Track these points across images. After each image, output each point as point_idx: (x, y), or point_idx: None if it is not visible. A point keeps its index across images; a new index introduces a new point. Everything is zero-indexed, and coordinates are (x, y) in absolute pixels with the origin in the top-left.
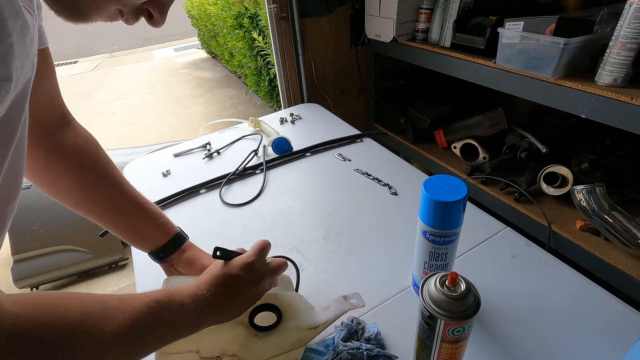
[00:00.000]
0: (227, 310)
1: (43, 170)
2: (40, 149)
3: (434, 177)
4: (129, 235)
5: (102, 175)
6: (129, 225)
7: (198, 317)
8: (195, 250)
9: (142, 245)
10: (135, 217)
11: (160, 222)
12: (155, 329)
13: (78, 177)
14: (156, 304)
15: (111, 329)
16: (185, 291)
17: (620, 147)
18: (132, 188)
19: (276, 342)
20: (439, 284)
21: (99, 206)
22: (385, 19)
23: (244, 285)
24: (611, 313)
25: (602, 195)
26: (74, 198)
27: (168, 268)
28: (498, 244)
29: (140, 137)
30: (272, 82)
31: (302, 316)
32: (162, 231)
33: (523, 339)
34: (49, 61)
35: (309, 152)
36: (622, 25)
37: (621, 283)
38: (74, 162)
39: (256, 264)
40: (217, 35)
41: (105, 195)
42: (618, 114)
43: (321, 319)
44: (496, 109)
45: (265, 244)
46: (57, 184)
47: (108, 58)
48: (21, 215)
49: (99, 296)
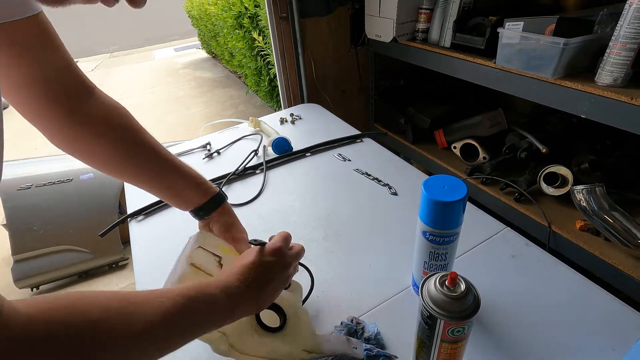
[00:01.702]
0: (259, 297)
1: (74, 141)
2: (67, 119)
3: (433, 177)
4: (170, 196)
5: (136, 142)
6: (168, 187)
7: (229, 308)
8: (232, 217)
9: (182, 204)
10: (173, 179)
11: (199, 182)
12: (183, 323)
13: (113, 147)
14: (183, 298)
15: (137, 325)
16: (215, 283)
17: (620, 147)
18: (167, 152)
19: (270, 346)
20: (438, 284)
21: (137, 173)
22: (385, 19)
23: (275, 270)
24: (611, 313)
25: (602, 196)
26: (111, 167)
27: (205, 225)
28: (498, 244)
29: None
30: (272, 82)
31: (302, 334)
32: (202, 191)
33: (523, 339)
34: (49, 29)
35: (309, 152)
36: (622, 25)
37: (621, 283)
38: (105, 132)
39: (284, 249)
40: (217, 35)
41: (142, 161)
42: (618, 114)
43: (320, 348)
44: (496, 109)
45: (288, 234)
46: (93, 155)
47: (108, 58)
48: (21, 216)
49: (122, 293)
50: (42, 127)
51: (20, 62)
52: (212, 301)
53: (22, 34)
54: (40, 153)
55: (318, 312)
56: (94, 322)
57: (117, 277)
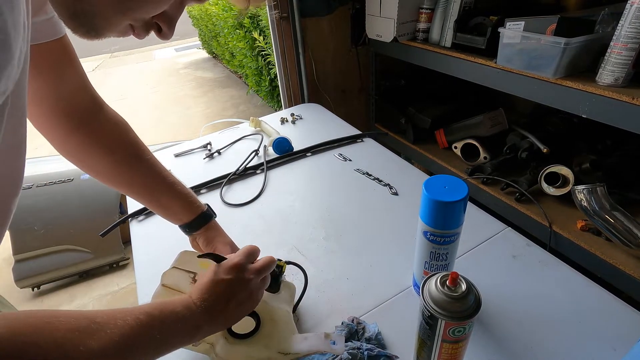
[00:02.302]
0: (220, 316)
1: (78, 152)
2: (77, 135)
3: (434, 177)
4: (161, 211)
5: (134, 157)
6: (160, 203)
7: (193, 325)
8: (215, 232)
9: (172, 220)
10: (166, 196)
11: (189, 200)
12: (146, 341)
13: (114, 160)
14: (146, 316)
15: (98, 344)
16: (178, 301)
17: (621, 147)
18: (163, 168)
19: (245, 352)
20: (439, 284)
21: (131, 185)
22: (386, 19)
23: (234, 286)
24: (612, 313)
25: (603, 195)
26: (112, 179)
27: (193, 240)
28: (499, 244)
29: (141, 137)
30: (272, 82)
31: (278, 337)
32: (189, 209)
33: (523, 339)
34: (70, 49)
35: (310, 152)
36: (623, 25)
37: (622, 283)
38: (108, 147)
39: (244, 266)
40: (218, 35)
41: (138, 175)
42: (619, 113)
43: (294, 348)
44: (497, 108)
45: (253, 248)
46: (97, 168)
47: (109, 58)
48: (22, 216)
49: (88, 312)
50: (49, 138)
51: (37, 81)
52: (175, 319)
53: (45, 55)
54: (40, 153)
55: (319, 313)
56: (59, 343)
57: (117, 277)
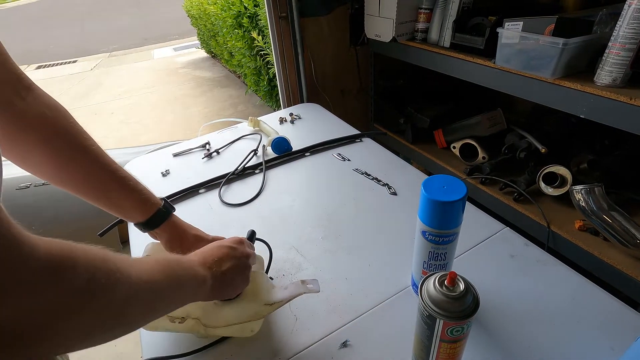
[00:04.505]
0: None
1: (8, 141)
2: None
3: (433, 177)
4: (111, 209)
5: (75, 147)
6: (109, 200)
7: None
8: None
9: (126, 218)
10: (115, 192)
11: (143, 197)
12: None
13: (50, 150)
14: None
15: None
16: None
17: (619, 147)
18: (111, 160)
19: (234, 312)
20: (438, 284)
21: (74, 180)
22: (385, 19)
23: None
24: (609, 313)
25: (601, 196)
26: (47, 171)
27: (154, 236)
28: (497, 243)
29: (140, 137)
30: (271, 82)
31: (261, 292)
32: (144, 207)
33: (522, 339)
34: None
35: (309, 152)
36: (621, 25)
37: (620, 283)
38: (42, 133)
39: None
40: (216, 34)
41: (81, 168)
42: (617, 114)
43: (277, 297)
44: (495, 109)
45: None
46: (28, 157)
47: (107, 57)
48: (21, 215)
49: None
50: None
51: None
52: (188, 265)
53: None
54: None
55: (318, 313)
56: (107, 260)
57: None
